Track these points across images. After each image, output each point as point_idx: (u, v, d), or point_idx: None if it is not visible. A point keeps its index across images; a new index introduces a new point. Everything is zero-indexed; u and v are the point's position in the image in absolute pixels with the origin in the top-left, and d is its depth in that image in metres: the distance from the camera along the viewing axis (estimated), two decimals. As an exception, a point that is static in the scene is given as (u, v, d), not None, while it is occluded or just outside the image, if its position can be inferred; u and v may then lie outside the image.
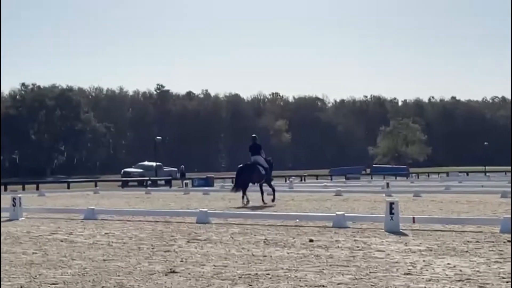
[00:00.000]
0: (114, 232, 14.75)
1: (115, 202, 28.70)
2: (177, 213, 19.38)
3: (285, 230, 14.58)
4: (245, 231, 14.65)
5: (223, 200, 28.63)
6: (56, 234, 14.66)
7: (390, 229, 14.06)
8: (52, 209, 22.35)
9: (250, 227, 15.54)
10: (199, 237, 13.56)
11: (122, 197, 34.10)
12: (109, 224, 17.02)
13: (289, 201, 27.15)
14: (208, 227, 15.61)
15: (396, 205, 14.35)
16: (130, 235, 14.19)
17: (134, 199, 31.44)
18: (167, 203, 27.31)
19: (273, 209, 22.13)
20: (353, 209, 21.25)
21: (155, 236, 13.88)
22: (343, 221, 15.27)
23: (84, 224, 17.00)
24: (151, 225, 16.51)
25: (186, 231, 14.74)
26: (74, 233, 14.83)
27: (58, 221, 18.00)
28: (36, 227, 16.45)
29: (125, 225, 16.62)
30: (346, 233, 13.80)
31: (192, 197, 33.37)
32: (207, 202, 27.50)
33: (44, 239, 13.66)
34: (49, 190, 42.92)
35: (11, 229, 15.95)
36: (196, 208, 20.42)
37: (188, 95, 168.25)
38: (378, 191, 33.42)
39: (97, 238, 13.71)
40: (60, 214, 20.16)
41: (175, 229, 15.24)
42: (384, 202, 15.42)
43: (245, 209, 22.11)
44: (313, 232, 14.06)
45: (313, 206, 23.16)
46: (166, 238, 13.47)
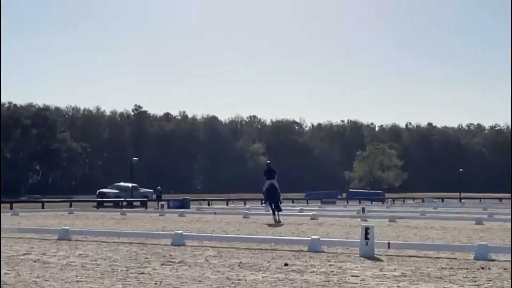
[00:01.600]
0: (88, 253, 14.63)
1: (90, 223, 28.48)
2: (152, 235, 19.27)
3: (260, 254, 14.55)
4: (220, 254, 14.59)
5: (199, 223, 28.51)
6: (29, 254, 14.52)
7: (365, 254, 14.07)
8: (25, 229, 22.17)
9: (225, 250, 15.49)
10: (173, 259, 13.49)
11: (97, 218, 33.84)
12: (83, 245, 16.88)
13: (265, 224, 27.08)
14: (183, 250, 15.54)
15: (371, 230, 14.37)
16: (104, 256, 14.08)
17: (109, 220, 31.22)
18: (143, 225, 27.15)
19: (249, 232, 22.08)
20: (329, 233, 21.25)
21: (130, 258, 13.79)
22: (318, 246, 15.27)
23: (57, 245, 16.85)
24: (125, 246, 16.40)
25: (161, 253, 14.66)
26: (47, 253, 14.69)
27: (31, 241, 17.83)
28: (9, 247, 16.27)
29: (99, 246, 16.49)
30: (321, 258, 13.80)
31: (167, 219, 33.19)
32: (182, 224, 27.38)
33: (17, 259, 13.52)
34: (23, 210, 42.50)
35: (-17, 248, 15.76)
36: (172, 230, 20.33)
37: (166, 116, 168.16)
38: (354, 216, 33.45)
39: (71, 259, 13.58)
40: (33, 234, 19.97)
41: (150, 251, 15.15)
42: (360, 226, 15.45)
43: (221, 232, 22.03)
44: (288, 256, 14.04)
45: (289, 230, 23.15)
46: (141, 260, 13.39)
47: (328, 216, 33.44)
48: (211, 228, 24.24)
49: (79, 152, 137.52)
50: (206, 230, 22.88)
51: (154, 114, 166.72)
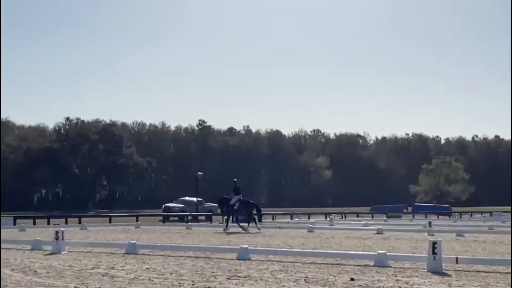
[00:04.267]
0: (155, 267, 14.79)
1: (156, 237, 28.78)
2: (218, 249, 19.35)
3: (325, 268, 14.48)
4: (285, 268, 14.57)
5: (264, 237, 28.52)
6: (98, 268, 14.75)
7: (432, 269, 13.87)
8: (94, 243, 22.52)
9: (291, 264, 15.46)
10: (239, 274, 13.53)
11: (163, 232, 34.18)
12: (150, 259, 17.07)
13: (330, 238, 26.93)
14: (249, 264, 15.57)
15: (439, 244, 14.16)
16: (171, 270, 14.21)
17: (175, 234, 31.50)
18: (208, 239, 27.30)
19: (314, 246, 21.98)
20: (395, 248, 21.01)
21: (196, 272, 13.88)
22: (384, 260, 15.12)
23: (125, 259, 17.08)
24: (191, 260, 16.52)
25: (227, 268, 14.72)
26: (115, 267, 14.90)
27: (99, 255, 18.12)
28: (78, 260, 16.57)
29: (166, 260, 16.65)
30: (387, 273, 13.65)
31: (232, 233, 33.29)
32: (247, 238, 27.43)
33: (86, 273, 13.75)
34: (91, 224, 43.24)
35: (53, 262, 16.09)
36: (237, 245, 20.39)
37: (230, 131, 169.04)
38: (420, 230, 33.01)
39: (138, 273, 13.75)
40: (101, 248, 20.28)
41: (216, 265, 15.23)
42: (426, 241, 15.25)
43: (286, 246, 21.98)
44: (354, 271, 13.94)
45: (354, 244, 22.97)
46: (207, 274, 13.46)
47: (394, 231, 33.04)
48: (275, 243, 24.21)
49: (145, 167, 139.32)
50: (271, 245, 22.87)
51: (218, 129, 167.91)
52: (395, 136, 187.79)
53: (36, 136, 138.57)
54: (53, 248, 19.33)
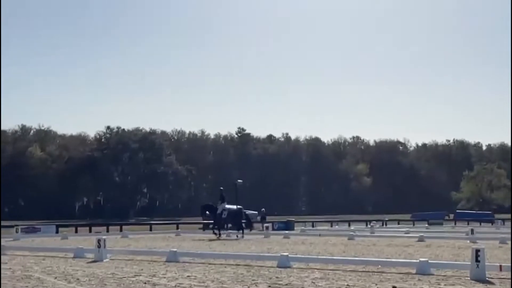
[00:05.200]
0: (196, 275, 14.83)
1: (197, 245, 28.88)
2: (258, 257, 19.33)
3: (367, 276, 14.39)
4: (326, 276, 14.52)
5: (304, 244, 28.44)
6: (140, 276, 14.84)
7: (476, 277, 13.70)
8: (135, 251, 22.67)
9: (332, 272, 15.39)
10: (280, 281, 13.50)
11: (203, 240, 34.30)
12: (191, 266, 17.13)
13: (371, 246, 26.77)
14: (289, 272, 15.53)
15: (482, 252, 13.99)
16: (212, 278, 14.24)
17: (215, 242, 31.59)
18: (248, 247, 27.32)
19: (354, 254, 21.86)
20: (437, 255, 20.80)
21: (237, 279, 13.89)
22: (427, 268, 14.97)
23: (166, 266, 17.16)
24: (232, 268, 16.54)
25: (267, 275, 14.70)
26: (157, 275, 14.98)
27: (141, 263, 18.23)
28: (120, 268, 16.69)
29: (206, 268, 16.70)
30: (430, 280, 13.52)
31: (272, 240, 33.29)
32: (287, 245, 27.39)
33: (128, 280, 13.84)
34: (132, 232, 43.57)
35: (96, 270, 16.24)
36: (277, 252, 20.36)
37: (269, 138, 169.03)
38: (462, 237, 32.67)
39: (180, 280, 13.80)
40: (143, 256, 20.41)
41: (256, 273, 15.22)
42: (469, 249, 15.08)
43: (326, 254, 21.88)
44: (395, 279, 13.83)
45: (396, 252, 22.80)
46: (248, 282, 13.46)
47: (436, 238, 32.74)
48: (316, 250, 24.14)
49: (184, 175, 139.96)
50: (311, 252, 22.80)
51: (257, 137, 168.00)
52: (436, 142, 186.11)
53: (78, 145, 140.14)
54: (95, 256, 19.52)
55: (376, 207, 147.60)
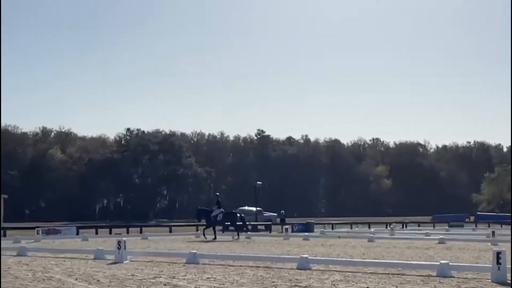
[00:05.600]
0: (216, 277, 14.85)
1: (216, 247, 28.93)
2: (278, 259, 19.33)
3: (387, 279, 14.34)
4: (346, 278, 14.48)
5: (324, 246, 28.40)
6: (160, 277, 14.89)
7: (497, 279, 13.61)
8: (155, 252, 22.73)
9: (352, 274, 15.35)
10: (300, 283, 13.49)
11: (222, 242, 34.35)
12: (211, 268, 17.15)
13: (391, 248, 26.68)
14: (309, 274, 15.52)
15: (503, 254, 13.89)
16: (231, 280, 14.25)
17: (235, 244, 31.63)
18: (267, 248, 27.33)
19: (374, 256, 21.79)
20: (458, 258, 20.70)
21: (256, 281, 13.89)
22: (447, 270, 14.90)
23: (186, 268, 17.19)
24: (252, 270, 16.54)
25: (287, 277, 14.70)
26: (176, 277, 15.02)
27: (161, 265, 18.28)
28: (140, 270, 16.75)
29: (226, 270, 16.71)
30: (450, 283, 13.45)
31: (292, 242, 33.27)
32: (307, 247, 27.36)
33: (148, 282, 13.89)
34: (152, 234, 43.73)
35: (116, 271, 16.31)
36: (297, 254, 20.34)
37: (288, 140, 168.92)
38: (483, 240, 32.50)
39: (199, 282, 13.83)
40: (163, 258, 20.47)
41: (276, 275, 15.22)
42: (490, 251, 14.99)
43: (346, 256, 21.83)
44: (416, 281, 13.77)
45: (416, 254, 22.70)
46: (267, 284, 13.46)
47: (456, 240, 32.58)
48: (336, 252, 24.10)
49: (204, 177, 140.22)
50: (331, 254, 22.77)
51: (276, 139, 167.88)
52: (456, 144, 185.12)
53: (98, 147, 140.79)
54: (116, 257, 19.60)
55: (396, 209, 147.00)
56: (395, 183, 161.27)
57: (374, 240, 33.06)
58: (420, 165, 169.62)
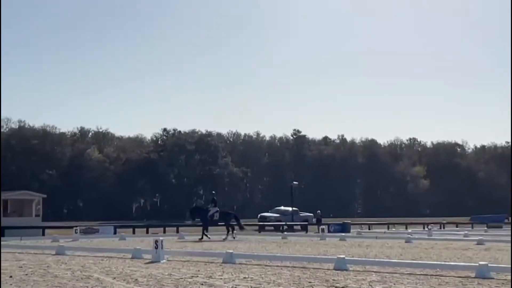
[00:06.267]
0: (252, 277, 14.85)
1: (253, 247, 28.94)
2: (314, 259, 19.28)
3: (425, 280, 14.22)
4: (383, 279, 14.39)
5: (360, 247, 28.26)
6: (197, 277, 14.93)
7: (538, 281, 13.42)
8: (192, 252, 22.81)
9: (389, 275, 15.25)
10: (337, 284, 13.45)
11: (259, 242, 34.35)
12: (247, 268, 17.16)
13: (429, 249, 26.44)
14: (346, 274, 15.45)
15: (544, 256, 13.70)
16: (268, 280, 14.25)
17: (271, 244, 31.59)
18: (304, 249, 27.27)
19: (412, 257, 21.61)
20: (497, 259, 20.45)
21: (293, 282, 13.87)
22: (486, 272, 14.73)
23: (223, 268, 17.23)
24: (288, 270, 16.52)
25: (324, 278, 14.65)
26: (213, 276, 15.05)
27: (198, 264, 18.34)
28: (177, 269, 16.82)
29: (263, 269, 16.71)
30: (489, 284, 13.30)
31: (328, 243, 33.15)
32: (344, 248, 27.26)
33: (185, 282, 13.94)
34: (188, 233, 43.89)
35: (153, 271, 16.39)
36: (333, 255, 20.27)
37: (324, 140, 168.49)
38: (523, 241, 32.00)
39: (236, 282, 13.84)
40: (199, 257, 20.53)
41: (313, 275, 15.18)
42: (531, 252, 14.79)
43: (383, 257, 21.69)
44: (454, 283, 13.64)
45: (454, 255, 22.48)
46: (304, 284, 13.43)
47: (495, 241, 32.20)
48: (373, 253, 23.97)
49: (240, 177, 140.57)
50: (368, 255, 22.65)
51: (312, 138, 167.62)
52: (495, 144, 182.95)
53: (135, 147, 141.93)
54: (153, 257, 19.70)
55: (434, 209, 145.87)
56: (433, 183, 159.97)
57: (411, 241, 32.80)
58: (458, 165, 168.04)
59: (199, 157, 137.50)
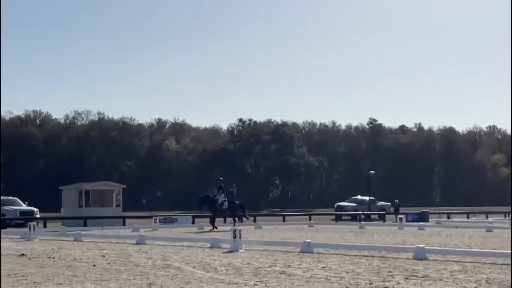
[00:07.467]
0: (331, 266, 14.85)
1: (330, 236, 28.91)
2: (393, 249, 19.14)
3: (507, 269, 13.94)
4: (465, 269, 14.19)
5: (440, 236, 27.89)
6: (275, 266, 15.02)
7: None
8: (270, 241, 22.94)
9: (470, 265, 15.03)
10: (417, 273, 13.32)
11: (336, 231, 34.28)
12: (325, 257, 17.16)
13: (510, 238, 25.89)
14: (426, 264, 15.29)
15: None
16: (347, 269, 14.22)
17: (348, 233, 31.51)
18: (382, 238, 27.09)
19: (493, 246, 21.20)
20: None
21: (372, 271, 13.80)
22: None
23: (301, 257, 17.27)
24: (367, 260, 16.45)
25: (403, 267, 14.54)
26: (292, 265, 15.11)
27: (275, 254, 18.43)
28: (255, 258, 16.95)
29: (341, 259, 16.69)
30: None
31: (406, 232, 32.85)
32: (422, 237, 26.95)
33: (264, 271, 14.04)
34: (265, 223, 44.15)
35: (232, 260, 16.57)
36: (412, 244, 20.08)
37: (401, 128, 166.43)
38: None
39: (315, 271, 13.86)
40: (277, 247, 20.63)
41: (392, 265, 15.08)
42: None
43: (464, 246, 21.35)
44: (539, 273, 13.31)
45: (537, 245, 21.93)
46: (384, 274, 13.36)
47: None
48: (453, 242, 23.63)
49: (316, 166, 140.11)
50: (448, 244, 22.34)
51: (389, 127, 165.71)
52: None
53: (211, 138, 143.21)
54: (231, 246, 19.91)
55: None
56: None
57: (492, 230, 32.23)
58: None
59: (275, 147, 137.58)
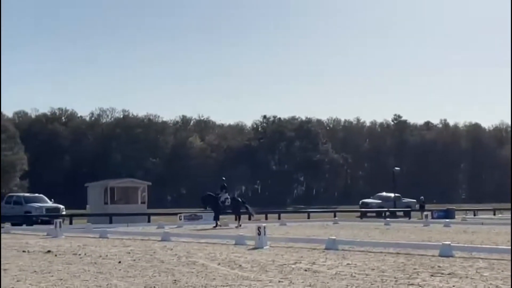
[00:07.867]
0: (356, 263, 14.80)
1: (355, 233, 28.82)
2: (419, 246, 19.05)
3: (535, 267, 13.80)
4: (491, 266, 14.07)
5: (466, 233, 27.71)
6: (300, 263, 15.00)
7: None
8: (294, 238, 22.91)
9: (497, 262, 14.90)
10: (443, 271, 13.23)
11: (361, 228, 34.18)
12: (350, 254, 17.11)
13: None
14: (452, 261, 15.19)
15: None
16: (372, 266, 14.16)
17: (374, 230, 31.40)
18: (407, 235, 26.96)
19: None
20: None
21: (398, 268, 13.74)
22: None
23: (326, 254, 17.24)
24: (392, 257, 16.38)
25: (429, 264, 14.45)
26: (316, 262, 15.08)
27: (300, 251, 18.41)
28: (280, 255, 16.94)
29: (366, 256, 16.63)
30: None
31: (432, 229, 32.67)
32: (448, 234, 26.78)
33: (289, 267, 14.02)
34: (289, 220, 44.13)
35: (257, 257, 16.57)
36: (438, 241, 19.95)
37: (426, 125, 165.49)
38: None
39: (340, 268, 13.82)
40: (302, 244, 20.60)
41: (417, 262, 15.00)
42: None
43: (490, 243, 21.18)
44: None
45: None
46: (409, 271, 13.29)
47: None
48: (479, 239, 23.46)
49: (340, 163, 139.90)
50: (474, 241, 22.17)
51: (414, 123, 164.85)
52: None
53: (235, 135, 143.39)
54: (256, 243, 19.91)
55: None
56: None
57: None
58: None
59: (299, 144, 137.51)
